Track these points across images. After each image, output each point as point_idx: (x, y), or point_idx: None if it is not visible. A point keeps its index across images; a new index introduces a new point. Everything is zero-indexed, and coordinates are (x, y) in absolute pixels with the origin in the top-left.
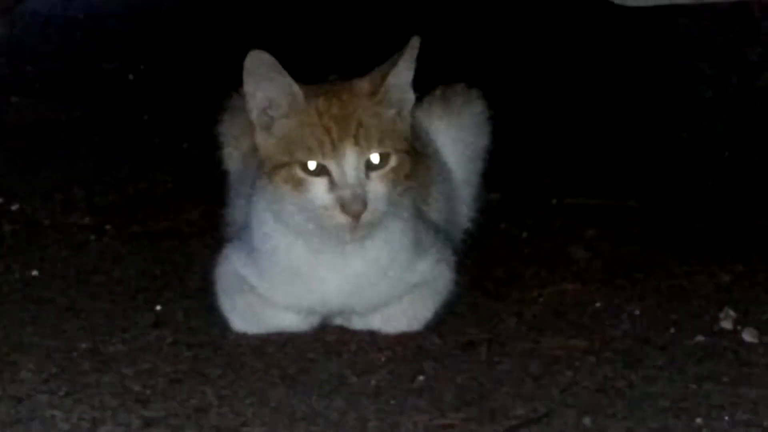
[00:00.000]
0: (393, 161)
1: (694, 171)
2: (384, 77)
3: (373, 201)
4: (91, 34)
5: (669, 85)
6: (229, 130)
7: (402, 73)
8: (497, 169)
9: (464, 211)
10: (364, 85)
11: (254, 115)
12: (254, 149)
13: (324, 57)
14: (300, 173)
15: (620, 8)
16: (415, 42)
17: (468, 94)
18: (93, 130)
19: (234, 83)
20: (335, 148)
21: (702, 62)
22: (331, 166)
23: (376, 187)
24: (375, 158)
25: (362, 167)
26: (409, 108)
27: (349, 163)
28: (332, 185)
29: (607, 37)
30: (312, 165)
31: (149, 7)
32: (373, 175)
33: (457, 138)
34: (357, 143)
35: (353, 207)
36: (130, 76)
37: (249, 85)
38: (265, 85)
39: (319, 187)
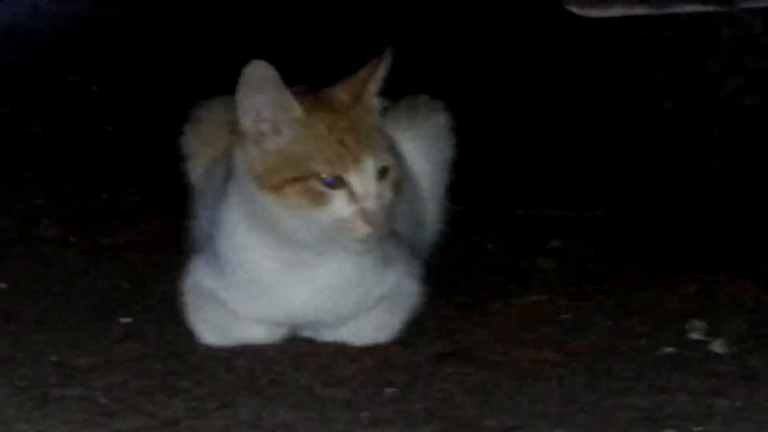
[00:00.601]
0: (393, 171)
1: (658, 181)
2: (363, 86)
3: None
4: (55, 45)
5: (632, 96)
6: (193, 142)
7: (378, 84)
8: (463, 181)
9: (430, 223)
10: (344, 95)
11: (246, 126)
12: (239, 161)
13: (286, 67)
14: (319, 186)
15: (583, 19)
16: (389, 53)
17: (432, 105)
18: (57, 141)
19: (198, 94)
20: (355, 160)
21: (664, 73)
22: (351, 178)
23: (387, 198)
24: (384, 168)
25: (377, 178)
26: None
27: (369, 174)
28: (352, 197)
29: (570, 48)
30: (331, 178)
31: (113, 17)
32: (382, 185)
33: (421, 149)
34: (374, 154)
35: (377, 218)
36: (94, 88)
37: (244, 96)
38: (261, 99)
39: (340, 200)
